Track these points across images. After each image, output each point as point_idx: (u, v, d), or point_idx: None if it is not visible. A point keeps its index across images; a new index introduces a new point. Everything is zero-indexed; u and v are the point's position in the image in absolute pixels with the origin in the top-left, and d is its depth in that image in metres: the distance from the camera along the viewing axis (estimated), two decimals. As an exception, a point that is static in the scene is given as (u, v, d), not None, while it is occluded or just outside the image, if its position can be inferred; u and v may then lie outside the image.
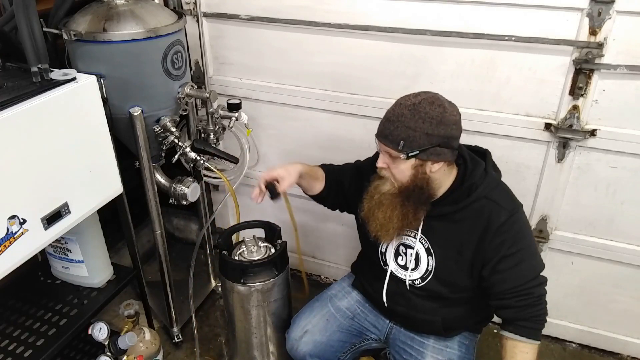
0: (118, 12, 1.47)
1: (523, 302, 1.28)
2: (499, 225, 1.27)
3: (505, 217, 1.27)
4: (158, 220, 1.79)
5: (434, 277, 1.38)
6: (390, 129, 1.24)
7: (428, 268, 1.39)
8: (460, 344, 1.47)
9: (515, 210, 1.30)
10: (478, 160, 1.35)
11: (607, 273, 1.84)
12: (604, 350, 2.01)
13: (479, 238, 1.29)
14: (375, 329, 1.57)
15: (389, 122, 1.25)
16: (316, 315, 1.57)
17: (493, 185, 1.32)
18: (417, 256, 1.39)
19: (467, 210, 1.30)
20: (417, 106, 1.21)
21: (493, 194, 1.30)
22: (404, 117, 1.22)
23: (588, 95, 1.56)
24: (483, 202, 1.29)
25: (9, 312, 1.60)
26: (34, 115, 1.19)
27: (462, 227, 1.31)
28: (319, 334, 1.53)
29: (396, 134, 1.22)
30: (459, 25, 1.61)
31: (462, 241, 1.32)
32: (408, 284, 1.43)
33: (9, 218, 1.16)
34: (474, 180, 1.30)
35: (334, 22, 1.74)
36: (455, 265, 1.35)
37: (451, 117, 1.22)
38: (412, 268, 1.41)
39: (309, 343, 1.52)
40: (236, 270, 1.56)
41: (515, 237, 1.28)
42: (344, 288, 1.65)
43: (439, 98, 1.24)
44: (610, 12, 1.43)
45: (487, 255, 1.30)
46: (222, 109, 1.79)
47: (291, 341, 1.55)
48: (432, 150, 1.22)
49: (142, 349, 1.72)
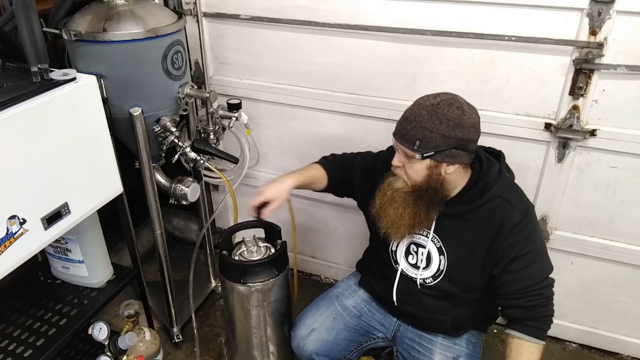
0: (118, 12, 1.47)
1: (532, 303, 1.28)
2: (513, 225, 1.27)
3: (519, 217, 1.27)
4: (158, 220, 1.79)
5: (446, 276, 1.38)
6: (407, 128, 1.24)
7: (440, 267, 1.39)
8: (467, 341, 1.48)
9: (528, 211, 1.30)
10: (493, 160, 1.35)
11: (607, 273, 1.84)
12: (604, 350, 2.01)
13: (492, 238, 1.30)
14: (382, 327, 1.57)
15: (407, 122, 1.25)
16: (323, 313, 1.57)
17: (507, 185, 1.32)
18: (429, 255, 1.39)
19: (481, 210, 1.30)
20: (436, 107, 1.21)
21: (506, 194, 1.30)
22: (421, 117, 1.22)
23: (588, 95, 1.56)
24: (497, 202, 1.29)
25: (9, 312, 1.60)
26: (34, 115, 1.18)
27: (475, 227, 1.31)
28: (326, 332, 1.53)
29: (412, 133, 1.22)
30: (459, 25, 1.61)
31: (474, 241, 1.32)
32: (419, 283, 1.42)
33: (9, 218, 1.16)
34: (488, 180, 1.30)
35: (334, 22, 1.74)
36: (467, 265, 1.35)
37: (469, 120, 1.21)
38: (423, 267, 1.41)
39: (315, 341, 1.51)
40: (236, 270, 1.56)
41: (528, 238, 1.28)
42: (350, 287, 1.65)
43: (459, 100, 1.23)
44: (610, 12, 1.43)
45: (498, 255, 1.30)
46: (222, 109, 1.79)
47: (297, 339, 1.54)
48: (448, 152, 1.22)
49: (142, 349, 1.72)
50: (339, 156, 1.62)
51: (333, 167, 1.57)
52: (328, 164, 1.58)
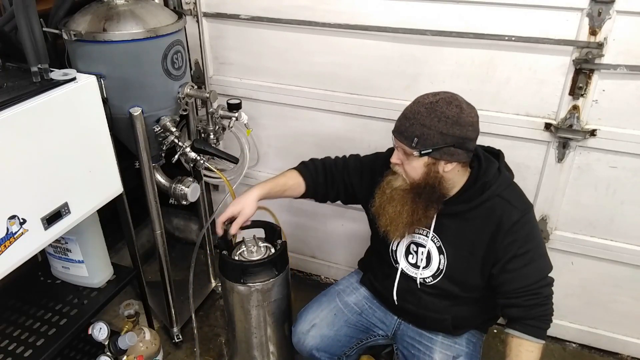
0: (118, 12, 1.47)
1: (531, 302, 1.28)
2: (511, 224, 1.27)
3: (518, 216, 1.28)
4: (158, 220, 1.79)
5: (446, 275, 1.39)
6: (406, 125, 1.25)
7: (439, 267, 1.39)
8: (468, 341, 1.48)
9: (527, 210, 1.30)
10: (492, 159, 1.36)
11: (607, 273, 1.84)
12: (604, 350, 2.01)
13: (491, 237, 1.30)
14: (383, 324, 1.57)
15: (406, 119, 1.26)
16: (324, 309, 1.57)
17: (506, 184, 1.32)
18: (429, 255, 1.40)
19: (480, 209, 1.30)
20: (434, 105, 1.22)
21: (505, 193, 1.30)
22: (420, 114, 1.22)
23: (588, 95, 1.56)
24: (495, 200, 1.29)
25: (9, 312, 1.60)
26: (34, 115, 1.18)
27: (474, 226, 1.32)
28: (327, 328, 1.53)
29: (411, 130, 1.23)
30: (459, 25, 1.61)
31: (473, 240, 1.32)
32: (419, 282, 1.43)
33: (9, 218, 1.16)
34: (487, 178, 1.31)
35: (334, 22, 1.74)
36: (466, 264, 1.36)
37: (468, 119, 1.22)
38: (423, 266, 1.41)
39: (316, 337, 1.52)
40: (236, 270, 1.56)
41: (527, 237, 1.29)
42: (351, 284, 1.65)
43: (457, 98, 1.24)
44: (610, 12, 1.43)
45: (498, 254, 1.30)
46: (222, 109, 1.79)
47: (298, 335, 1.54)
48: (446, 150, 1.22)
49: (142, 349, 1.72)
50: (319, 161, 1.58)
51: (313, 172, 1.54)
52: (306, 170, 1.55)
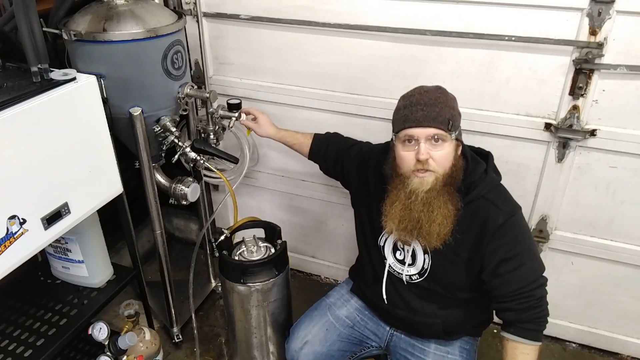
0: (118, 12, 1.47)
1: (524, 305, 1.27)
2: (496, 228, 1.26)
3: (503, 219, 1.26)
4: (158, 220, 1.79)
5: (431, 275, 1.38)
6: (436, 110, 1.20)
7: (424, 266, 1.38)
8: (461, 349, 1.46)
9: (513, 212, 1.28)
10: (479, 160, 1.35)
11: (607, 273, 1.84)
12: (604, 350, 2.01)
13: (475, 239, 1.29)
14: (375, 336, 1.56)
15: (430, 106, 1.21)
16: (315, 325, 1.55)
17: (492, 186, 1.31)
18: (414, 253, 1.39)
19: (465, 210, 1.28)
20: (440, 88, 1.25)
21: (491, 194, 1.29)
22: (440, 98, 1.22)
23: (588, 95, 1.56)
24: (481, 202, 1.28)
25: (9, 312, 1.60)
26: (34, 115, 1.18)
27: (459, 227, 1.30)
28: (319, 344, 1.51)
29: (443, 114, 1.20)
30: (459, 25, 1.61)
31: (458, 241, 1.31)
32: (405, 280, 1.42)
33: (9, 218, 1.16)
34: (473, 178, 1.30)
35: (334, 22, 1.74)
36: (450, 265, 1.35)
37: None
38: (409, 263, 1.41)
39: (309, 354, 1.50)
40: (236, 270, 1.56)
41: (514, 240, 1.27)
42: (342, 296, 1.63)
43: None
44: (610, 12, 1.43)
45: (485, 258, 1.29)
46: (222, 109, 1.79)
47: (291, 352, 1.53)
48: (460, 130, 1.25)
49: (142, 349, 1.72)
50: (334, 134, 1.69)
51: (321, 140, 1.65)
52: (318, 136, 1.68)
